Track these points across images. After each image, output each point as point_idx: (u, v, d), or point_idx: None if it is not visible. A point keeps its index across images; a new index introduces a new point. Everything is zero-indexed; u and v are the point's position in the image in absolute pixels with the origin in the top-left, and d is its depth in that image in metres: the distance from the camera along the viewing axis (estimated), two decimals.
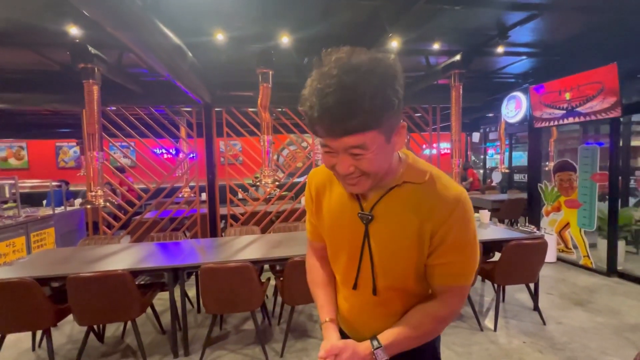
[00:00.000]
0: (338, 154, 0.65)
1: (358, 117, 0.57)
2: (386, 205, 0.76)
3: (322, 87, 0.58)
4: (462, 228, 0.72)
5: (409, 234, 0.74)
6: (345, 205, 0.82)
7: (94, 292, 2.13)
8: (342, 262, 0.85)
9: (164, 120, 4.23)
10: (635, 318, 2.81)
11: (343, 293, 0.90)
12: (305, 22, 2.95)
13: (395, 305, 0.82)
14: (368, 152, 0.63)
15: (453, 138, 3.42)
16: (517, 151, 9.04)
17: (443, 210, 0.71)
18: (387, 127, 0.62)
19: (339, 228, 0.84)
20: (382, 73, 0.59)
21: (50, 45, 3.10)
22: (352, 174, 0.67)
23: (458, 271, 0.76)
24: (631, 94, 3.81)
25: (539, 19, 3.08)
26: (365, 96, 0.56)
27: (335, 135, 0.61)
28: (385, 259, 0.78)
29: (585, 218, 4.01)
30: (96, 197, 2.54)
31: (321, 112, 0.58)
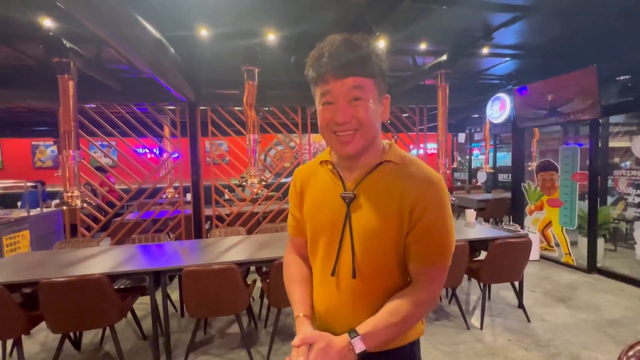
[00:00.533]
0: (337, 104, 0.73)
1: (360, 61, 0.70)
2: (368, 185, 0.80)
3: (331, 41, 0.72)
4: (438, 207, 0.75)
5: (389, 212, 0.77)
6: (329, 188, 0.85)
7: (68, 298, 2.02)
8: (322, 247, 0.85)
9: (147, 118, 4.10)
10: (614, 313, 2.89)
11: (321, 284, 0.87)
12: (292, 20, 2.90)
13: (374, 293, 0.80)
14: (365, 98, 0.72)
15: (440, 138, 3.44)
16: (501, 151, 9.24)
17: (421, 188, 0.75)
18: (379, 84, 0.75)
19: (321, 212, 0.85)
20: (372, 43, 0.74)
21: (23, 38, 2.94)
22: (349, 124, 0.73)
23: (435, 250, 0.77)
24: (609, 97, 3.92)
25: (523, 21, 3.13)
26: (366, 48, 0.71)
27: (340, 76, 0.71)
28: (366, 238, 0.79)
29: (566, 217, 4.11)
30: (72, 197, 2.42)
31: (330, 55, 0.70)
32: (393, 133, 5.29)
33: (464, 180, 10.30)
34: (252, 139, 2.80)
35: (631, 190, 3.65)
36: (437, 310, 3.03)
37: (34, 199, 5.46)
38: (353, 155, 0.79)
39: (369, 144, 0.79)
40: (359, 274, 0.79)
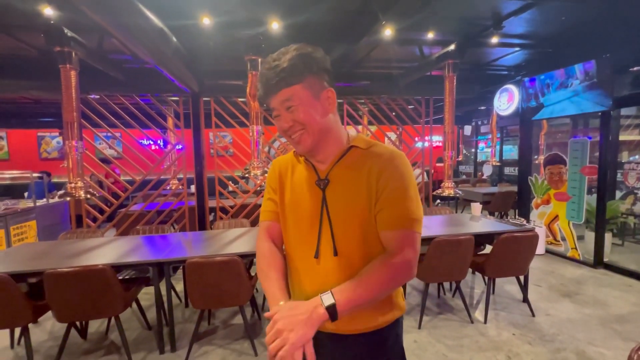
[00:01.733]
0: (280, 114, 0.82)
1: (280, 76, 0.77)
2: (339, 170, 0.88)
3: (262, 68, 0.83)
4: (396, 174, 0.83)
5: (360, 190, 0.84)
6: (305, 178, 0.92)
7: (74, 288, 2.03)
8: (304, 233, 0.89)
9: (150, 110, 4.08)
10: (621, 309, 2.86)
11: (305, 268, 0.90)
12: (296, 7, 2.83)
13: (355, 265, 0.84)
14: (296, 103, 0.80)
15: (446, 130, 3.38)
16: (508, 144, 9.10)
17: (383, 162, 0.84)
18: (310, 84, 0.80)
19: (300, 201, 0.91)
20: (298, 49, 0.80)
21: (25, 27, 2.91)
22: (293, 127, 0.82)
23: (401, 214, 0.81)
24: (622, 88, 3.81)
25: (534, 9, 3.03)
26: (284, 62, 0.78)
27: (271, 95, 0.81)
28: (343, 217, 0.85)
29: (573, 211, 4.05)
30: (76, 188, 2.42)
31: (261, 83, 0.81)
32: (398, 125, 5.23)
33: (469, 173, 10.20)
34: (255, 130, 2.77)
35: None
36: (440, 304, 3.02)
37: (40, 190, 5.51)
38: (308, 150, 0.86)
39: (322, 138, 0.85)
40: (340, 252, 0.85)
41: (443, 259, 2.53)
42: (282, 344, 0.69)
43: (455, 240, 2.50)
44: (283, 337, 0.70)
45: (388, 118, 5.20)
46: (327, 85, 0.84)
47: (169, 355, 2.34)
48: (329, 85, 0.85)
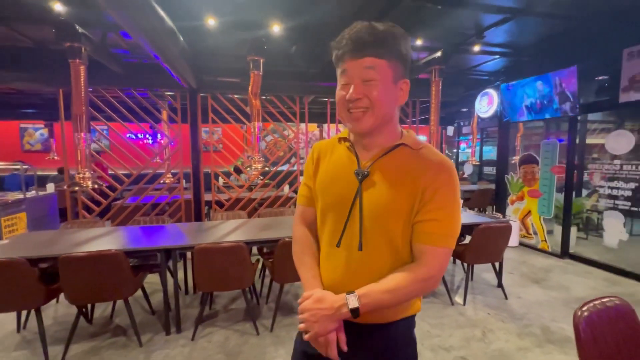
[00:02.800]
0: (353, 83, 0.78)
1: (375, 42, 0.74)
2: (383, 165, 0.83)
3: (354, 26, 0.78)
4: (448, 190, 0.80)
5: (402, 191, 0.80)
6: (344, 164, 0.88)
7: (87, 272, 2.16)
8: (331, 219, 0.88)
9: (147, 103, 4.14)
10: (581, 292, 3.22)
11: (328, 256, 0.89)
12: (295, 11, 3.01)
13: (379, 268, 0.82)
14: (378, 79, 0.77)
15: (432, 130, 3.66)
16: (487, 145, 9.60)
17: (434, 170, 0.80)
18: (395, 67, 0.79)
19: (333, 185, 0.88)
20: (395, 26, 0.79)
21: (24, 19, 2.94)
22: (361, 101, 0.78)
23: (441, 231, 0.79)
24: (588, 95, 4.20)
25: (512, 22, 3.34)
26: (384, 32, 0.76)
27: (355, 56, 0.76)
28: (376, 213, 0.81)
29: (544, 207, 4.44)
30: (84, 179, 2.52)
31: (350, 37, 0.76)
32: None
33: None
34: (256, 127, 2.94)
35: (603, 183, 3.98)
36: None
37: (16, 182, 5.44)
38: (364, 132, 0.82)
39: (382, 125, 0.82)
40: (365, 247, 0.82)
41: None
42: (306, 327, 0.79)
43: None
44: (309, 325, 0.79)
45: None
46: (405, 75, 0.82)
47: (174, 336, 2.49)
48: (407, 76, 0.82)
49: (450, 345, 2.36)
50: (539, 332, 2.52)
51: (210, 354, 2.27)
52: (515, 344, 2.37)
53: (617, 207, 3.73)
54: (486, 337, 2.46)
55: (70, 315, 2.82)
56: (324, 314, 0.78)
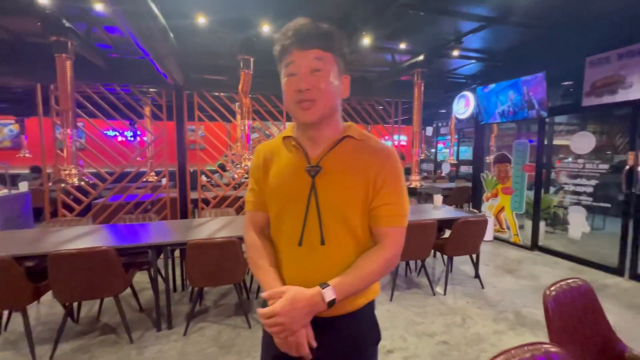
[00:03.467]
0: (300, 73, 0.79)
1: (321, 36, 0.79)
2: (333, 158, 0.86)
3: (297, 21, 0.81)
4: (396, 175, 0.87)
5: (354, 181, 0.85)
6: (293, 163, 0.89)
7: (77, 269, 2.14)
8: (288, 220, 0.88)
9: (129, 99, 4.07)
10: (549, 280, 3.45)
11: (289, 255, 0.89)
12: (285, 13, 3.08)
13: (344, 254, 0.86)
14: (325, 70, 0.79)
15: (414, 130, 3.84)
16: (463, 146, 10.03)
17: (381, 159, 0.86)
18: (339, 62, 0.83)
19: (285, 186, 0.88)
20: (339, 31, 0.83)
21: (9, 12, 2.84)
22: (309, 92, 0.79)
23: (397, 212, 0.87)
24: (555, 99, 4.54)
25: (488, 29, 3.57)
26: (329, 29, 0.81)
27: (303, 47, 0.78)
28: (334, 206, 0.84)
29: (516, 203, 4.75)
30: (70, 175, 2.48)
31: (295, 30, 0.79)
32: (369, 123, 5.65)
33: (430, 171, 11.04)
34: (246, 125, 2.98)
35: (568, 180, 4.31)
36: (408, 281, 3.47)
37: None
38: (313, 122, 0.83)
39: (329, 116, 0.84)
40: (327, 241, 0.84)
41: (412, 240, 2.94)
42: (282, 331, 0.77)
43: (422, 224, 2.94)
44: (285, 327, 0.76)
45: (360, 117, 5.61)
46: (346, 71, 0.86)
47: (166, 332, 2.51)
48: (347, 72, 0.87)
49: (433, 331, 2.52)
50: (512, 317, 2.73)
51: (203, 347, 2.31)
52: (491, 328, 2.56)
53: (580, 202, 4.06)
54: (465, 323, 2.64)
55: (54, 315, 2.76)
56: (301, 312, 0.77)
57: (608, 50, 3.54)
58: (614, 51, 3.49)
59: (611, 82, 3.54)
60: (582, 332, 1.41)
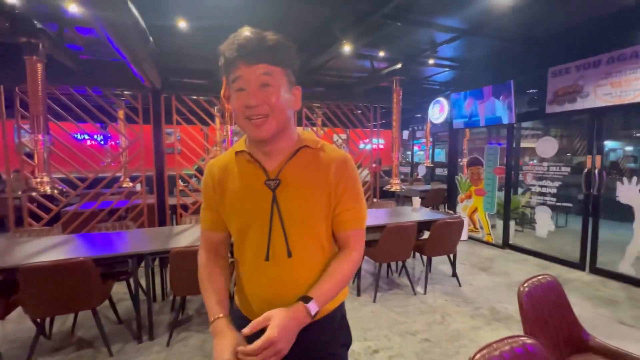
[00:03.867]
0: (249, 89, 0.76)
1: (269, 49, 0.76)
2: (292, 169, 0.85)
3: (242, 32, 0.77)
4: (355, 180, 0.90)
5: (316, 191, 0.85)
6: (250, 178, 0.86)
7: (51, 282, 2.03)
8: (252, 236, 0.86)
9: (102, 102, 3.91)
10: (520, 277, 3.72)
11: (256, 271, 0.87)
12: (268, 20, 3.11)
13: (312, 263, 0.86)
14: (275, 85, 0.77)
15: (394, 135, 3.96)
16: (437, 148, 10.43)
17: (340, 166, 0.87)
18: (288, 74, 0.81)
19: (245, 202, 0.86)
20: (283, 38, 0.80)
21: None
22: (260, 107, 0.76)
23: (359, 216, 0.91)
24: (521, 106, 4.84)
25: (460, 40, 3.77)
26: (274, 40, 0.77)
27: (250, 62, 0.75)
28: (298, 218, 0.84)
29: (488, 204, 5.00)
30: (42, 183, 2.35)
31: (241, 43, 0.75)
32: (347, 127, 5.76)
33: (406, 173, 11.37)
34: (229, 130, 2.96)
35: (535, 182, 4.60)
36: (389, 282, 3.56)
37: None
38: (267, 139, 0.80)
39: (282, 130, 0.82)
40: (294, 252, 0.84)
41: (393, 242, 3.05)
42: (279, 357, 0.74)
43: (402, 226, 3.04)
44: (282, 353, 0.74)
45: (340, 121, 5.71)
46: (296, 82, 0.85)
47: (147, 343, 2.43)
48: (296, 83, 0.86)
49: (415, 330, 2.61)
50: (487, 313, 2.89)
51: (188, 357, 2.26)
52: (469, 324, 2.70)
53: (545, 202, 4.35)
54: (445, 320, 2.76)
55: (22, 332, 2.60)
56: (293, 333, 0.76)
57: (568, 62, 3.84)
58: (573, 63, 3.79)
59: (571, 91, 3.84)
60: (551, 323, 1.54)
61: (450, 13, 3.18)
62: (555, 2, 3.01)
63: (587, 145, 3.85)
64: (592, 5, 3.14)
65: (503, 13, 3.08)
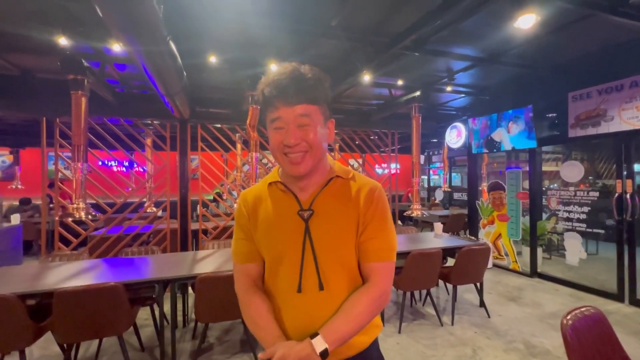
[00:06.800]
0: (288, 128, 0.79)
1: (306, 90, 0.78)
2: (324, 199, 0.86)
3: (281, 71, 0.81)
4: (384, 209, 0.88)
5: (346, 219, 0.85)
6: (284, 208, 0.87)
7: (83, 307, 2.07)
8: (284, 267, 0.86)
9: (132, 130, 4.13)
10: (552, 308, 3.52)
11: (288, 302, 0.86)
12: (291, 51, 3.28)
13: (341, 297, 0.85)
14: (312, 124, 0.79)
15: (414, 160, 3.98)
16: (453, 172, 10.32)
17: (368, 195, 0.87)
18: (323, 110, 0.83)
19: (278, 232, 0.86)
20: (319, 72, 0.83)
21: (29, 51, 2.94)
22: (299, 146, 0.79)
23: (386, 246, 0.87)
24: (541, 130, 4.80)
25: (476, 68, 3.85)
26: (312, 79, 0.80)
27: (289, 103, 0.78)
28: (330, 249, 0.84)
29: (513, 229, 4.85)
30: (78, 209, 2.46)
31: (280, 84, 0.77)
32: (365, 152, 5.82)
33: (423, 198, 11.22)
34: (254, 157, 3.06)
35: (560, 207, 4.46)
36: (413, 312, 3.43)
37: None
38: (304, 174, 0.83)
39: (318, 163, 0.85)
40: (326, 285, 0.83)
41: (418, 270, 2.97)
42: None
43: (427, 253, 2.97)
44: None
45: (358, 147, 5.78)
46: (331, 115, 0.87)
47: None
48: (331, 115, 0.87)
49: None
50: (522, 347, 2.72)
51: None
52: (503, 359, 2.54)
53: (574, 228, 4.18)
54: (477, 355, 2.61)
55: (48, 357, 2.61)
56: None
57: (588, 87, 3.83)
58: (594, 87, 3.78)
59: (594, 115, 3.80)
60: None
61: (467, 43, 3.28)
62: (571, 31, 3.06)
63: (616, 169, 3.74)
64: (608, 33, 3.18)
65: (519, 42, 3.15)
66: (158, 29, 1.74)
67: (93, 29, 2.51)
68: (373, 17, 2.71)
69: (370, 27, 2.85)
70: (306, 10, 2.53)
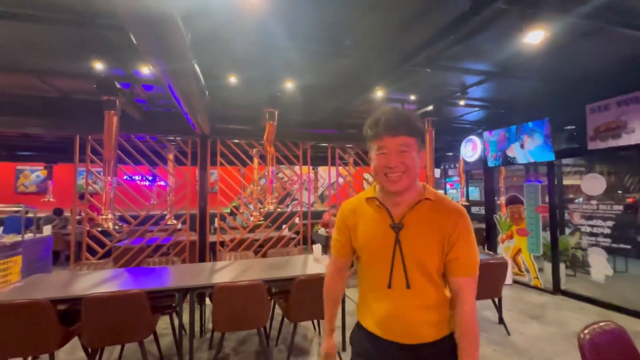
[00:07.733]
0: (390, 154, 1.01)
1: (408, 126, 1.01)
2: (413, 217, 1.05)
3: (384, 111, 1.05)
4: (468, 230, 1.05)
5: (432, 238, 1.03)
6: (379, 221, 1.08)
7: (109, 312, 2.19)
8: (378, 266, 1.07)
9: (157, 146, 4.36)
10: (577, 327, 3.36)
11: (379, 295, 1.08)
12: (307, 71, 3.43)
13: (425, 295, 1.04)
14: (409, 151, 1.01)
15: (428, 174, 3.99)
16: (470, 186, 10.12)
17: (455, 217, 1.04)
18: (418, 142, 1.05)
19: (374, 240, 1.08)
20: (414, 113, 1.08)
21: (67, 75, 3.23)
22: (397, 167, 1.00)
23: (471, 263, 1.04)
24: (560, 142, 4.72)
25: (490, 82, 3.87)
26: (410, 119, 1.03)
27: (392, 135, 1.01)
28: (416, 257, 1.03)
29: (533, 244, 4.71)
30: (106, 220, 2.63)
31: (386, 121, 1.01)
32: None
33: None
34: (270, 171, 3.17)
35: (584, 221, 4.32)
36: None
37: (17, 224, 5.36)
38: (400, 191, 1.04)
39: (411, 184, 1.05)
40: (412, 284, 1.03)
41: None
42: None
43: None
44: None
45: None
46: (423, 146, 1.09)
47: None
48: (423, 146, 1.10)
49: None
50: None
51: None
52: None
53: (598, 244, 4.02)
54: None
55: None
56: None
57: (606, 99, 3.78)
58: (613, 99, 3.73)
59: (614, 127, 3.72)
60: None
61: (479, 58, 3.33)
62: (584, 44, 3.06)
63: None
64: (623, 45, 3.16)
65: (532, 56, 3.18)
66: (185, 54, 1.91)
67: (125, 54, 2.74)
68: (385, 36, 2.82)
69: (382, 45, 2.96)
70: (322, 31, 2.67)
